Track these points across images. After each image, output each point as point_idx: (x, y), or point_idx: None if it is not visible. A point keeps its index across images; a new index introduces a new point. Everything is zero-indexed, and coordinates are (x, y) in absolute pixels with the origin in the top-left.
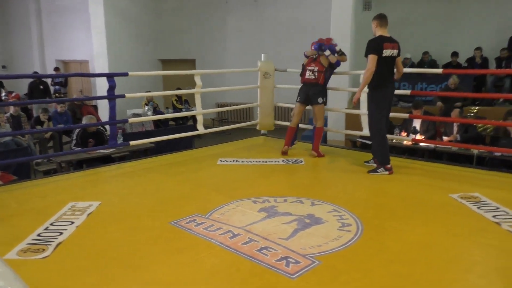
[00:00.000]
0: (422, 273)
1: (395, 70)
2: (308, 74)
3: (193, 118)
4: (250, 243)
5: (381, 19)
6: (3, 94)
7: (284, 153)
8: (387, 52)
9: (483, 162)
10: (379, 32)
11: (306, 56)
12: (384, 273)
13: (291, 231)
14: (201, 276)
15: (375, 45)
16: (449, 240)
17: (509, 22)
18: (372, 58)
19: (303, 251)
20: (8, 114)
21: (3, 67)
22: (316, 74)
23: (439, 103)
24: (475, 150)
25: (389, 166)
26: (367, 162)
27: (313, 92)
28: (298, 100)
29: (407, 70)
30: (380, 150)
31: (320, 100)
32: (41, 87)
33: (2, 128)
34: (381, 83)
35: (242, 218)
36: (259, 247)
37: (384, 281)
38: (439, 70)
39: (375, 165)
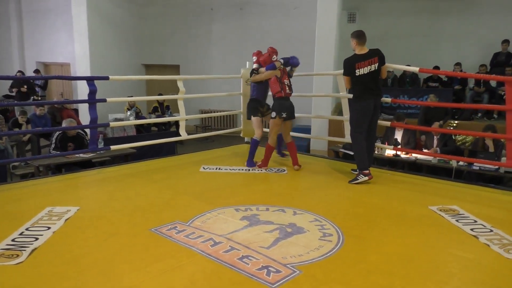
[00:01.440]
0: (401, 285)
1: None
2: (287, 89)
3: (176, 124)
4: (231, 251)
5: (359, 37)
6: None
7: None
8: (361, 71)
9: (461, 176)
10: (357, 49)
11: (273, 68)
12: (364, 284)
13: (272, 240)
14: (181, 284)
15: (347, 67)
16: (428, 252)
17: (487, 39)
18: (345, 79)
19: (284, 260)
20: None
21: None
22: (291, 87)
23: (437, 123)
24: (454, 163)
25: (367, 171)
26: (354, 170)
27: (292, 105)
28: (283, 116)
29: (392, 65)
30: (358, 156)
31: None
32: (25, 86)
33: None
34: (359, 96)
35: (224, 226)
36: (240, 256)
37: None
38: (416, 69)
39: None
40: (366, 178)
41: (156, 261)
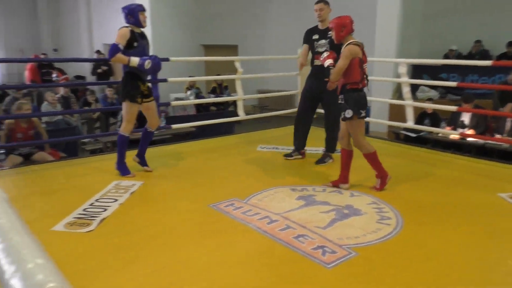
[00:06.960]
0: (460, 274)
1: None
2: (365, 77)
3: (234, 104)
4: (287, 229)
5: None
6: (54, 75)
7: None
8: None
9: None
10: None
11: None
12: (420, 270)
13: (328, 221)
14: (236, 259)
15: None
16: (493, 242)
17: None
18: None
19: (340, 241)
20: (59, 95)
21: (55, 50)
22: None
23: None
24: None
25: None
26: (289, 155)
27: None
28: (363, 115)
29: (454, 61)
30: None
31: None
32: (103, 67)
33: (54, 108)
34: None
35: (280, 204)
36: (296, 234)
37: (419, 279)
38: (489, 62)
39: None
40: (331, 160)
41: (213, 236)
